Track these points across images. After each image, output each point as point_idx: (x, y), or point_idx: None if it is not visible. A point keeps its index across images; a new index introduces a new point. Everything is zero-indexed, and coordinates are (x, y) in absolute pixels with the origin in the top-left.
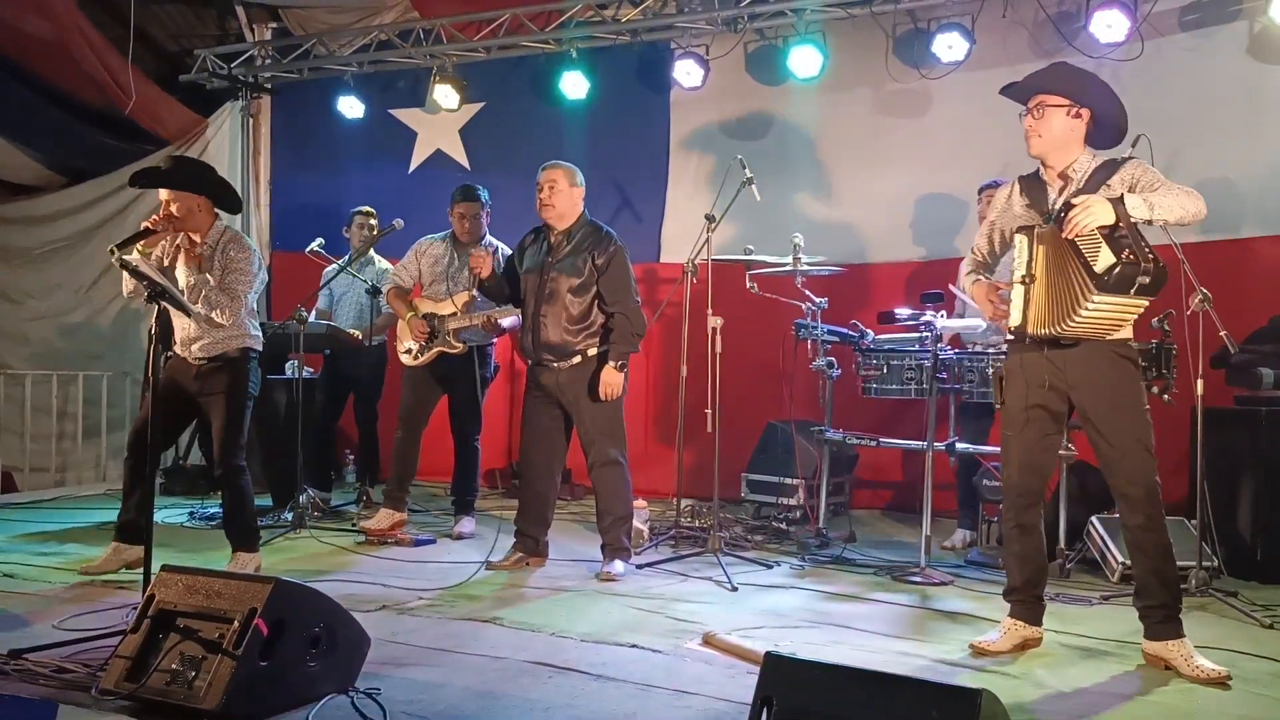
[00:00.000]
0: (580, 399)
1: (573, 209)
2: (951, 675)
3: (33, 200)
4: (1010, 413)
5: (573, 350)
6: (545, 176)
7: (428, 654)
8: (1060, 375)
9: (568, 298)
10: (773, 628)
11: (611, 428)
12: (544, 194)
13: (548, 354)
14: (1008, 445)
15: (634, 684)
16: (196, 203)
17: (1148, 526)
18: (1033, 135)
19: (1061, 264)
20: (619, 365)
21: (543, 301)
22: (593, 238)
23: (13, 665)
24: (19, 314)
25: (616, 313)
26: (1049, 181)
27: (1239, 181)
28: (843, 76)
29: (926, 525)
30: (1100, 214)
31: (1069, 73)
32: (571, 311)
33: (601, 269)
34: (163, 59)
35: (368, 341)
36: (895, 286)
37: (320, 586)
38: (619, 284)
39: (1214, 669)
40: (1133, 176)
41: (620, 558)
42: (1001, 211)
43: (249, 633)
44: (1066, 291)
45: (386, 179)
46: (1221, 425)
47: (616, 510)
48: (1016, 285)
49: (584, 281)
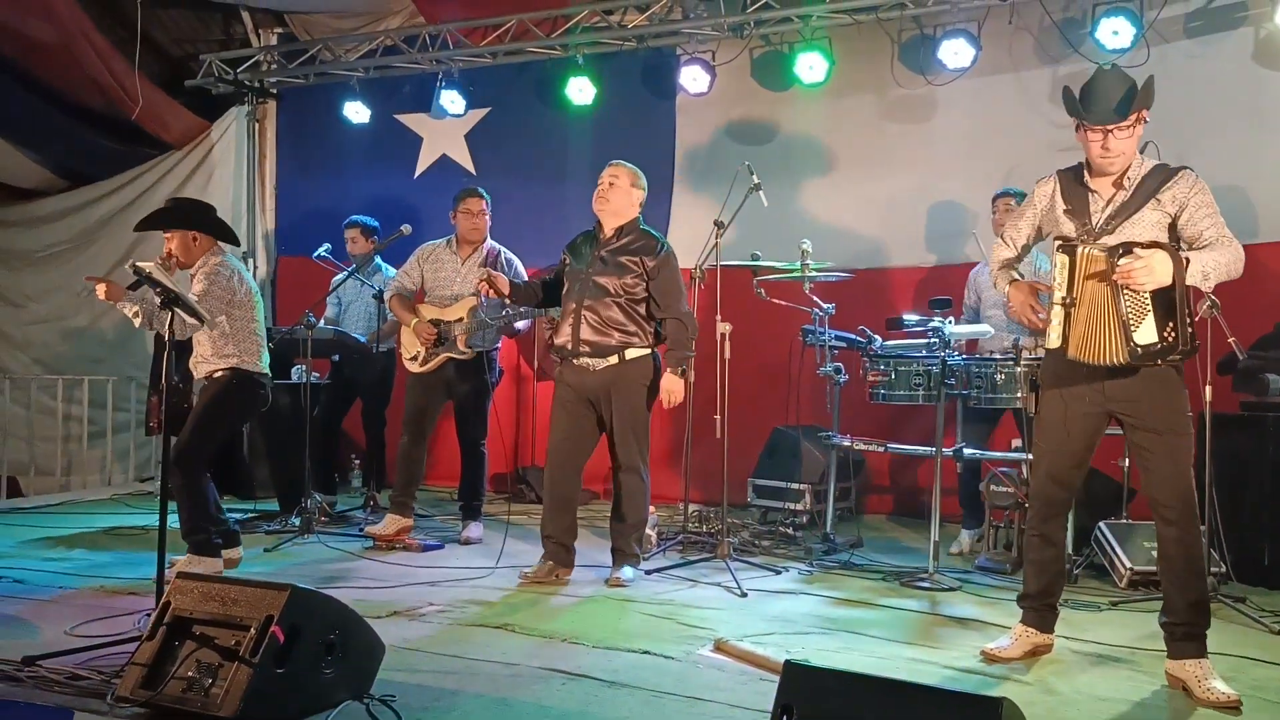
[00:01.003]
0: (615, 400)
1: (629, 209)
2: (965, 682)
3: (36, 204)
4: (1046, 425)
5: (610, 350)
6: (608, 172)
7: (441, 660)
8: (1101, 390)
9: (612, 296)
10: (783, 634)
11: (641, 433)
12: (603, 187)
13: (586, 352)
14: (1039, 456)
15: (647, 691)
16: (192, 237)
17: (1180, 539)
18: (1117, 156)
19: (1104, 306)
20: (680, 371)
21: (586, 297)
22: (644, 240)
23: (27, 672)
24: (20, 317)
25: (670, 318)
26: (1095, 188)
27: (1245, 188)
28: (848, 82)
29: (935, 530)
30: (1160, 276)
31: (1145, 82)
32: (615, 311)
33: (653, 274)
34: (167, 64)
35: (375, 347)
36: (902, 292)
37: (330, 592)
38: (671, 289)
39: (1225, 693)
40: (1185, 197)
41: (630, 564)
42: (1045, 209)
43: (265, 640)
44: (1104, 336)
45: (392, 184)
46: (1228, 431)
47: (633, 517)
48: (1056, 305)
49: (630, 282)
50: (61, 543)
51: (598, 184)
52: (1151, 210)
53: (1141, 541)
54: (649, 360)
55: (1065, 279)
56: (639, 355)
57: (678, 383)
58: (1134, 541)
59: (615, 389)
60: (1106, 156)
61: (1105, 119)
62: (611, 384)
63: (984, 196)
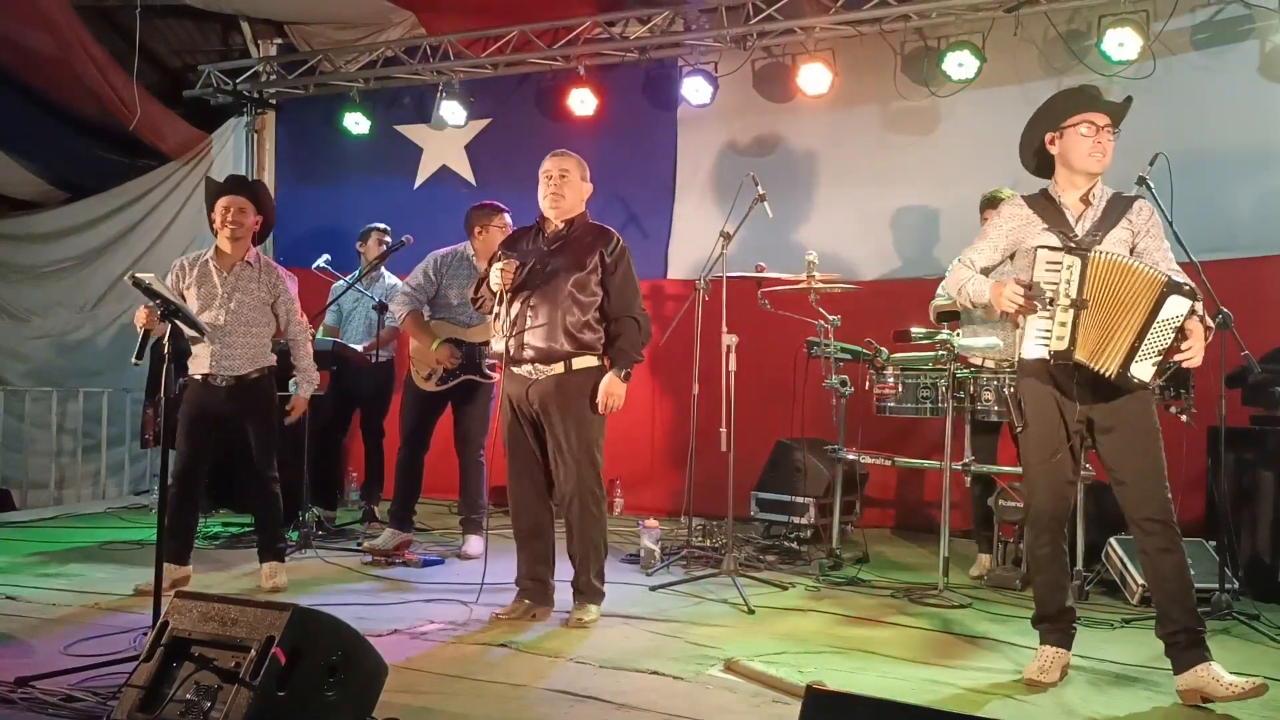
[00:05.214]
0: (558, 413)
1: (579, 204)
2: (983, 703)
3: (35, 216)
4: (1038, 439)
5: (558, 356)
6: (556, 164)
7: (444, 681)
8: (1084, 399)
9: (568, 294)
10: (795, 653)
11: (592, 451)
12: (554, 183)
13: (529, 358)
14: (1034, 472)
15: (657, 713)
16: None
17: (1165, 549)
18: (1101, 153)
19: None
20: (624, 375)
21: (533, 296)
22: (596, 232)
23: (20, 694)
24: (21, 331)
25: (625, 317)
26: (1066, 203)
27: (1249, 201)
28: (851, 94)
29: (944, 547)
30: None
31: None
32: (569, 312)
33: (610, 268)
34: (166, 74)
35: (374, 356)
36: (909, 304)
37: (329, 609)
38: (628, 286)
39: (1248, 682)
40: (1144, 225)
41: (593, 601)
42: (1016, 229)
43: (266, 661)
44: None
45: (392, 195)
46: (1239, 445)
47: (588, 558)
48: (1063, 309)
49: (586, 278)
50: (55, 558)
51: (542, 176)
52: (1123, 229)
53: None
54: (599, 372)
55: (1075, 281)
56: (587, 365)
57: (620, 386)
58: None
59: (561, 400)
60: (1095, 153)
61: (1112, 110)
62: (555, 395)
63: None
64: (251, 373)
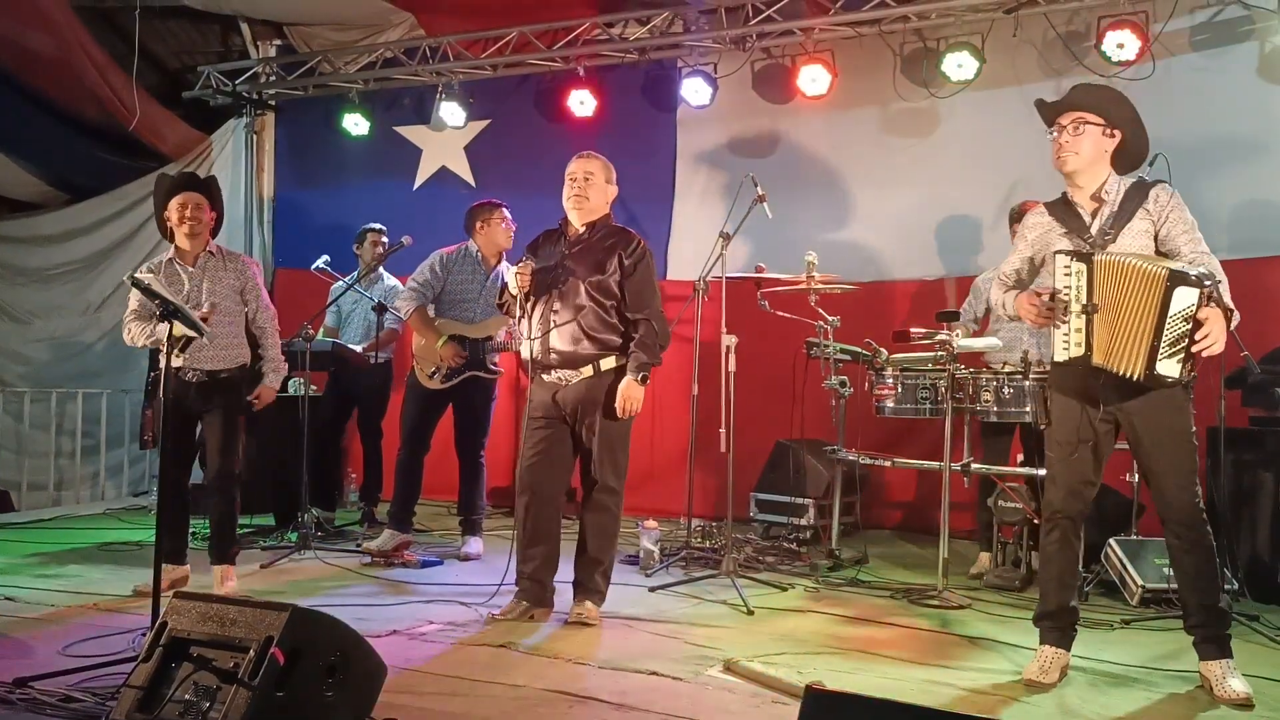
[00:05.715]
0: (591, 417)
1: (603, 207)
2: (982, 704)
3: (37, 218)
4: (1059, 438)
5: (584, 360)
6: (581, 166)
7: (443, 682)
8: (1111, 402)
9: (587, 297)
10: (794, 654)
11: (617, 453)
12: (578, 185)
13: (556, 363)
14: (1054, 469)
15: (657, 714)
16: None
17: (1190, 550)
18: (1067, 152)
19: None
20: (641, 378)
21: (556, 301)
22: (618, 235)
23: (18, 694)
24: (23, 334)
25: (642, 319)
26: (1079, 203)
27: (1250, 202)
28: (851, 95)
29: (944, 548)
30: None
31: (1108, 94)
32: (589, 316)
33: (629, 270)
34: (165, 75)
35: (373, 357)
36: (908, 304)
37: (328, 610)
38: (647, 287)
39: (1238, 691)
40: (1164, 210)
41: (594, 600)
42: (1039, 238)
43: (265, 662)
44: (1129, 347)
45: (391, 196)
46: (1238, 446)
47: (601, 554)
48: (1076, 313)
49: (606, 281)
50: (54, 559)
51: (567, 178)
52: (1141, 219)
53: (1153, 559)
54: (624, 372)
55: (1084, 286)
56: (614, 366)
57: (638, 390)
58: (1145, 559)
59: (592, 404)
60: (1062, 154)
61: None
62: (587, 399)
63: (989, 209)
64: (223, 370)
